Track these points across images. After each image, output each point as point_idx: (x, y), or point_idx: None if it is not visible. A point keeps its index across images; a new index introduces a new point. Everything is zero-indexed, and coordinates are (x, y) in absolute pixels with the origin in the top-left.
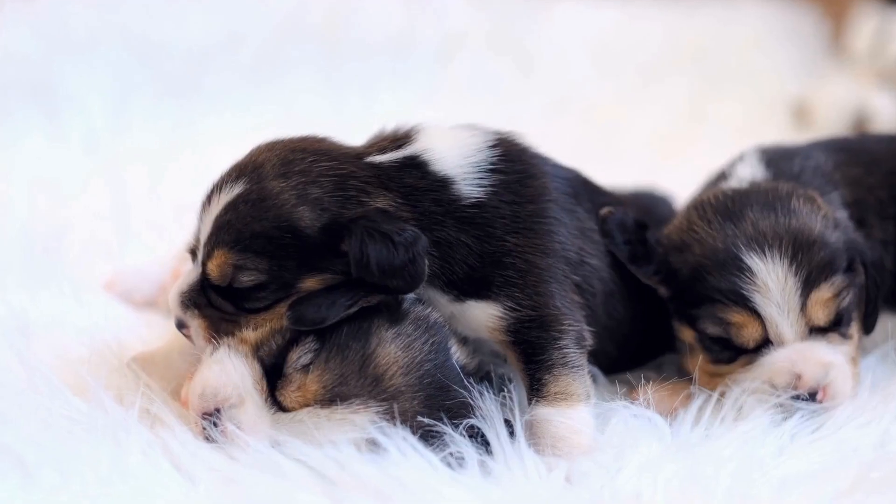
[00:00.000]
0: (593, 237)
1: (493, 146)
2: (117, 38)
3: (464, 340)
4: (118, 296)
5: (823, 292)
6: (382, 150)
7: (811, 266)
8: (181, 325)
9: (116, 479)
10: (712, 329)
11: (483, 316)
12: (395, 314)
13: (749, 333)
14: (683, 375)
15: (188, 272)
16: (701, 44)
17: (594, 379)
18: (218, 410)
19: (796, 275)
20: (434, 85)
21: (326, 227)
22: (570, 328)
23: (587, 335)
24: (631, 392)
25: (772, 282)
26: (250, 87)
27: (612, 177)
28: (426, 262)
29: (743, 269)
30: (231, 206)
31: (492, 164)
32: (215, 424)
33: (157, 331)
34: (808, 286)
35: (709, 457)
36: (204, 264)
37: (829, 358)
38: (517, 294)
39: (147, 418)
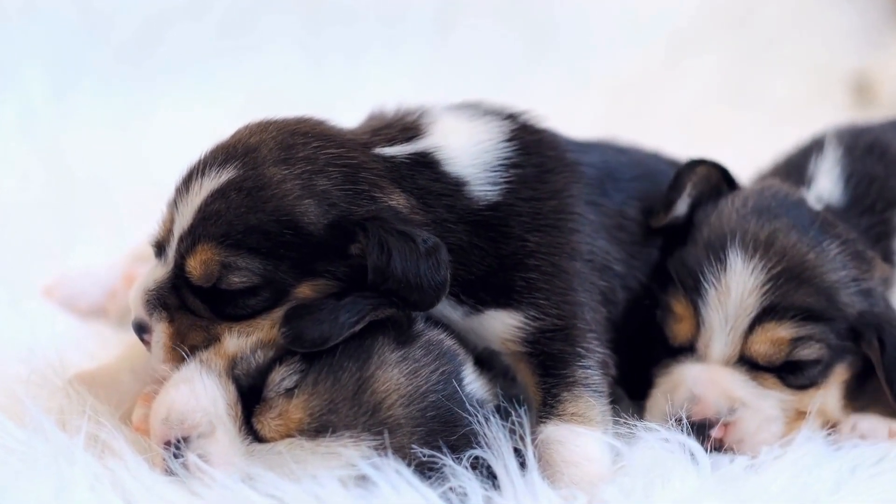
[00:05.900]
0: (619, 236)
1: (510, 139)
2: (58, 0)
3: (482, 368)
4: (61, 303)
5: (779, 330)
6: (391, 142)
7: (785, 299)
8: (142, 330)
9: None
10: (658, 313)
11: (500, 326)
12: (404, 335)
13: (680, 329)
14: None
15: (153, 268)
16: (743, 9)
17: (617, 400)
18: (183, 439)
19: (763, 295)
20: (431, 56)
21: (334, 224)
22: (597, 350)
23: (611, 363)
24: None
25: (734, 286)
26: (215, 59)
27: None
28: (449, 273)
29: (719, 259)
30: (219, 194)
31: (508, 159)
32: (176, 455)
33: (107, 344)
34: (766, 315)
35: (754, 492)
36: (182, 259)
37: (739, 393)
38: (542, 301)
39: (95, 446)
